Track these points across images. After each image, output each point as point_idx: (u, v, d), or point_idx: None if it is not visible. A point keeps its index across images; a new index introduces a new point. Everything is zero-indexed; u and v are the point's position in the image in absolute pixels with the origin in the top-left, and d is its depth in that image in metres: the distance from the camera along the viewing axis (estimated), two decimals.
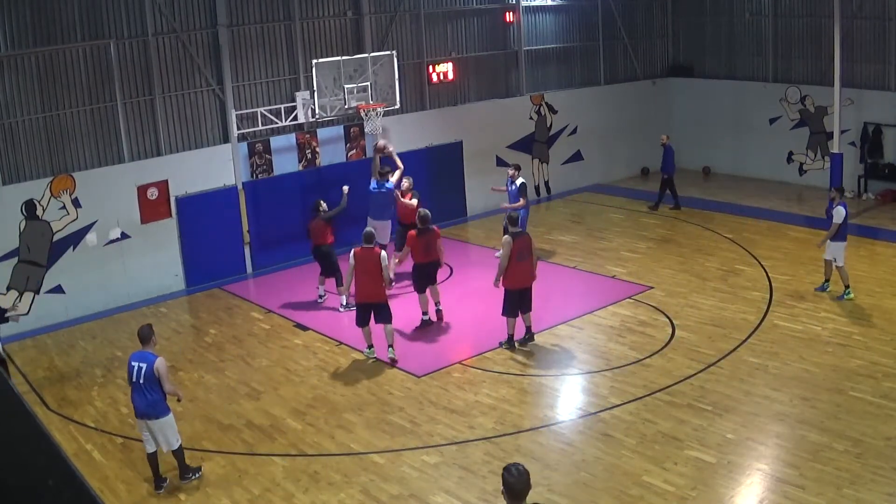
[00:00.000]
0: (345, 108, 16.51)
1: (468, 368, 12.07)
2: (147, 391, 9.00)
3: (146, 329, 9.28)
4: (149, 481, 9.47)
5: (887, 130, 19.60)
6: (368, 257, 11.94)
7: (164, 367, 9.05)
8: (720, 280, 14.96)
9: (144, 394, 9.02)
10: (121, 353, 13.44)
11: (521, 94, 21.18)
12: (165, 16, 15.72)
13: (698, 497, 8.56)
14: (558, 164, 21.99)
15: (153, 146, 15.98)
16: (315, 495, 9.07)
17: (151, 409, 9.05)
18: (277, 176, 17.21)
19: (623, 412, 10.45)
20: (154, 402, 9.05)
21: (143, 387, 8.99)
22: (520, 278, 12.25)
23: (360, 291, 12.16)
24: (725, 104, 22.63)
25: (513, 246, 12.08)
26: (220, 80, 16.46)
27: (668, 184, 19.70)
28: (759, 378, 11.12)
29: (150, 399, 9.02)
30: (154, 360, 9.01)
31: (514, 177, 16.06)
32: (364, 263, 11.97)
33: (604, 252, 16.99)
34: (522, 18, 20.94)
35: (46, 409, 11.51)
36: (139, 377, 8.99)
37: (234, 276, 16.76)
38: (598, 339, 12.84)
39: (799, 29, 21.34)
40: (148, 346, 9.17)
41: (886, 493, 8.37)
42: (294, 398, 11.48)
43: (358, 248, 12.12)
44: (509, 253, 12.07)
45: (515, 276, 12.21)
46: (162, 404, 9.11)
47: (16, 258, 14.40)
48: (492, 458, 9.51)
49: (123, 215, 15.50)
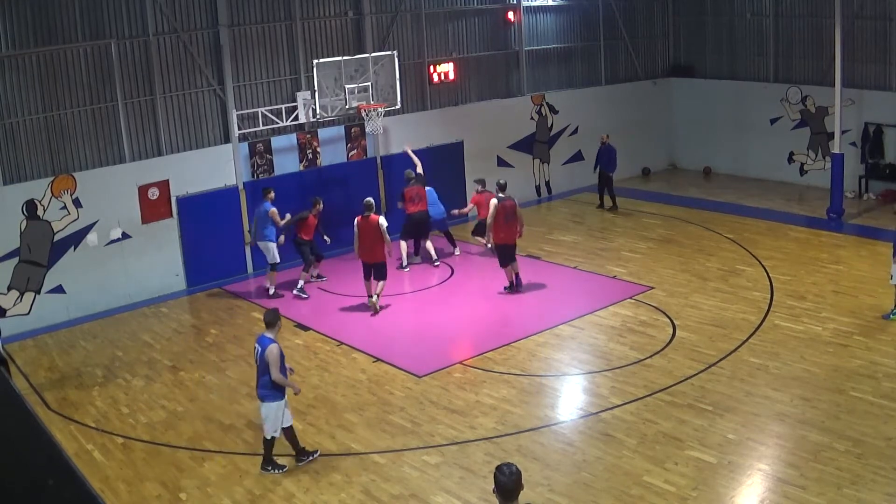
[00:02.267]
0: (346, 108, 16.53)
1: (469, 368, 12.07)
2: (259, 373, 9.28)
3: (271, 313, 9.43)
4: (149, 481, 9.49)
5: (888, 130, 19.58)
6: (368, 224, 13.82)
7: (273, 355, 9.10)
8: (721, 280, 14.95)
9: (258, 376, 9.30)
10: (121, 353, 13.46)
11: (522, 95, 21.18)
12: (166, 16, 15.72)
13: (699, 497, 8.56)
14: (559, 164, 21.99)
15: (154, 146, 15.98)
16: (316, 495, 9.07)
17: (260, 391, 9.31)
18: (278, 176, 17.21)
19: (624, 412, 10.45)
20: (262, 385, 9.29)
21: (258, 369, 9.28)
22: (509, 236, 14.44)
23: (363, 253, 14.05)
24: (726, 104, 22.62)
25: (499, 208, 14.22)
26: (220, 80, 16.47)
27: (609, 182, 19.83)
28: (760, 378, 11.11)
29: (260, 382, 9.30)
30: (267, 345, 9.13)
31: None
32: (365, 229, 13.83)
33: (604, 252, 16.99)
34: (523, 18, 20.95)
35: (47, 409, 11.52)
36: (257, 358, 9.28)
37: (235, 276, 16.76)
38: (599, 340, 12.84)
39: (800, 29, 21.33)
40: (270, 330, 9.29)
41: (887, 493, 8.37)
42: (295, 398, 11.45)
43: (359, 217, 13.96)
44: (495, 214, 14.25)
45: (505, 234, 14.40)
46: (269, 390, 9.22)
47: (17, 258, 14.41)
48: (493, 458, 9.49)
49: (124, 215, 15.51)
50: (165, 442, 10.46)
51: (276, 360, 9.12)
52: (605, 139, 19.98)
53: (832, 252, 16.26)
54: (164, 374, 12.58)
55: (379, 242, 13.89)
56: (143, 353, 13.43)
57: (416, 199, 16.26)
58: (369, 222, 13.89)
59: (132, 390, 12.06)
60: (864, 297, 13.68)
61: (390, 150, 18.71)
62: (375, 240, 13.87)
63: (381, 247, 13.94)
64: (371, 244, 13.92)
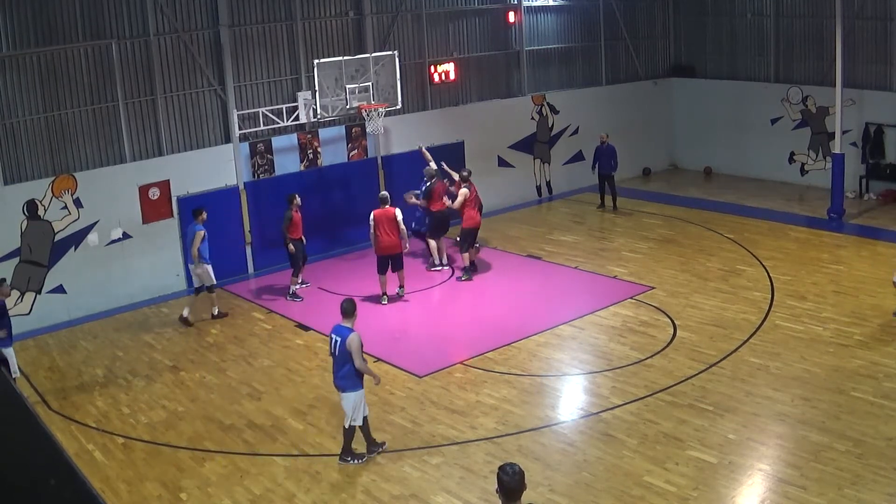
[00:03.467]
0: (346, 108, 16.53)
1: (469, 368, 12.07)
2: (339, 365, 9.30)
3: (349, 303, 9.49)
4: (149, 481, 9.49)
5: (889, 131, 19.57)
6: (384, 216, 14.28)
7: (355, 344, 9.16)
8: (721, 280, 14.95)
9: (337, 367, 9.33)
10: (122, 353, 13.47)
11: (523, 95, 21.17)
12: (167, 16, 15.72)
13: (699, 497, 8.56)
14: (560, 165, 21.99)
15: (155, 146, 15.98)
16: (316, 495, 9.07)
17: (340, 381, 9.34)
18: (279, 176, 17.21)
19: (624, 412, 10.45)
20: (343, 376, 9.32)
21: (337, 360, 9.31)
22: (476, 221, 15.69)
23: (379, 245, 14.39)
24: (727, 104, 22.60)
25: (469, 196, 15.40)
26: (221, 80, 16.47)
27: (610, 181, 19.83)
28: (761, 378, 11.11)
29: (340, 373, 9.32)
30: (347, 335, 9.19)
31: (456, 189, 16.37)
32: (382, 221, 14.26)
33: (605, 252, 16.99)
34: (524, 18, 20.94)
35: (48, 409, 11.53)
36: (335, 349, 9.29)
37: (236, 277, 16.76)
38: (600, 340, 12.84)
39: (800, 29, 21.32)
40: (347, 320, 9.35)
41: (887, 493, 8.37)
42: (295, 398, 11.49)
43: (376, 210, 14.39)
44: (464, 201, 15.39)
45: (473, 219, 15.59)
46: (351, 380, 9.28)
47: (17, 258, 14.41)
48: (493, 458, 9.50)
49: (125, 215, 15.51)
50: (166, 442, 10.47)
51: (359, 349, 9.21)
52: (604, 138, 19.98)
53: (833, 252, 16.26)
54: (165, 374, 12.59)
55: (395, 234, 14.24)
56: (143, 353, 13.43)
57: (442, 197, 16.10)
58: (386, 214, 14.26)
59: (133, 390, 12.07)
60: (865, 297, 13.67)
61: (391, 150, 18.71)
62: (391, 231, 14.24)
63: (398, 238, 14.30)
64: (387, 236, 14.26)
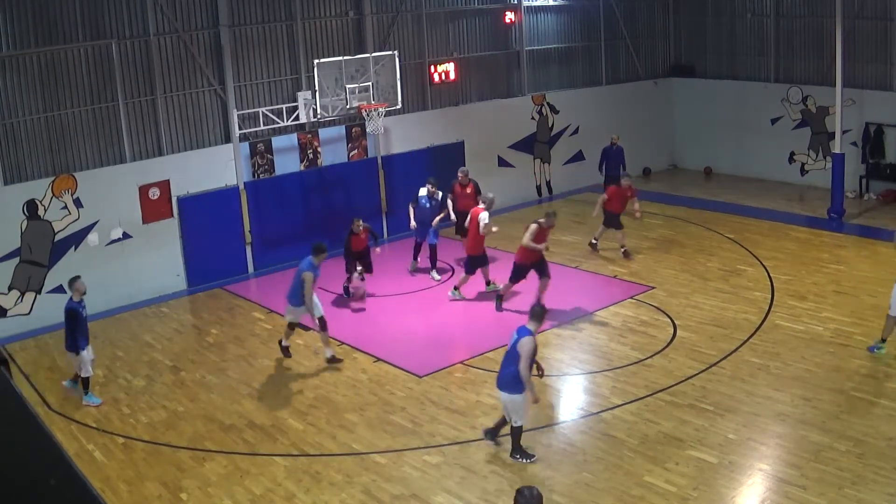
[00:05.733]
0: (346, 108, 16.53)
1: (470, 368, 12.08)
2: (507, 363, 9.25)
3: (538, 307, 9.55)
4: (150, 481, 9.49)
5: (889, 130, 19.58)
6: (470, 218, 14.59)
7: (525, 349, 9.07)
8: (722, 280, 14.95)
9: (505, 364, 9.29)
10: (122, 353, 13.46)
11: (523, 95, 21.18)
12: (167, 16, 15.72)
13: (700, 497, 8.57)
14: (560, 165, 21.99)
15: (155, 146, 15.98)
16: (316, 495, 9.07)
17: (503, 381, 9.30)
18: (279, 176, 17.21)
19: (625, 412, 10.45)
20: (506, 376, 9.27)
21: (506, 357, 9.31)
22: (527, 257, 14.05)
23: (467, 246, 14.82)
24: (727, 104, 22.61)
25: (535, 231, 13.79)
26: (221, 80, 16.47)
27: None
28: (761, 378, 11.11)
29: (504, 371, 9.28)
30: (524, 336, 9.13)
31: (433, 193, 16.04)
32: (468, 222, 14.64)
33: (605, 252, 16.98)
34: (524, 18, 20.94)
35: (48, 409, 11.53)
36: (510, 346, 9.27)
37: (236, 276, 16.76)
38: (600, 340, 12.84)
39: (800, 29, 21.32)
40: (532, 323, 9.33)
41: (888, 493, 8.37)
42: (296, 398, 11.49)
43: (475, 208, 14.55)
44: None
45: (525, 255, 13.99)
46: (513, 381, 9.16)
47: (17, 258, 14.41)
48: (493, 458, 9.51)
49: (125, 215, 15.51)
50: (166, 442, 10.47)
51: (528, 354, 9.08)
52: (615, 140, 19.86)
53: (833, 252, 16.26)
54: (165, 374, 12.59)
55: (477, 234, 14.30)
56: (143, 353, 13.43)
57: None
58: (472, 216, 14.49)
59: (133, 390, 12.07)
60: (865, 297, 13.68)
61: (391, 150, 18.71)
62: (474, 232, 14.37)
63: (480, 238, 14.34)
64: (471, 236, 14.48)
